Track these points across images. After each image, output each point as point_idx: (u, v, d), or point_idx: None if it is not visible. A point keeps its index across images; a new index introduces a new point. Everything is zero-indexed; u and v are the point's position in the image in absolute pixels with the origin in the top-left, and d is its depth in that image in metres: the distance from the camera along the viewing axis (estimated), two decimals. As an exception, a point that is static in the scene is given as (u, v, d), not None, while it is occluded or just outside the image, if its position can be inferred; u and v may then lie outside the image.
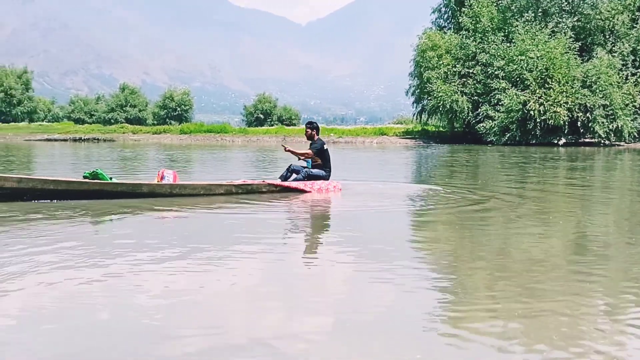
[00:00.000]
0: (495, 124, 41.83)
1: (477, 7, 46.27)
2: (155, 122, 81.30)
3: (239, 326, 3.39)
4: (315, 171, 10.20)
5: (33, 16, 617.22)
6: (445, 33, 50.50)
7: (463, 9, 47.67)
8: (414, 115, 55.53)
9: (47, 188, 8.10)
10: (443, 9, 53.69)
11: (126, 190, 8.62)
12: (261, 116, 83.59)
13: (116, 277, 4.27)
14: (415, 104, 52.97)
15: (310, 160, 10.45)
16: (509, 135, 41.14)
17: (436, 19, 54.40)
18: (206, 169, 17.99)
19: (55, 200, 8.10)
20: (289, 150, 10.44)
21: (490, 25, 46.21)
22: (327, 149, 10.47)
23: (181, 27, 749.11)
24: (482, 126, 42.82)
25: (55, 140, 54.28)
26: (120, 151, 30.34)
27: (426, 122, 54.23)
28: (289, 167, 10.33)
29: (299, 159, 10.54)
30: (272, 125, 75.75)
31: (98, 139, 55.52)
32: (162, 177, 9.13)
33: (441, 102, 45.36)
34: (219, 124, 73.40)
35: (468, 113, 45.25)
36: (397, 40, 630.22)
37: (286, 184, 9.87)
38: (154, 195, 8.70)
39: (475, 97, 45.33)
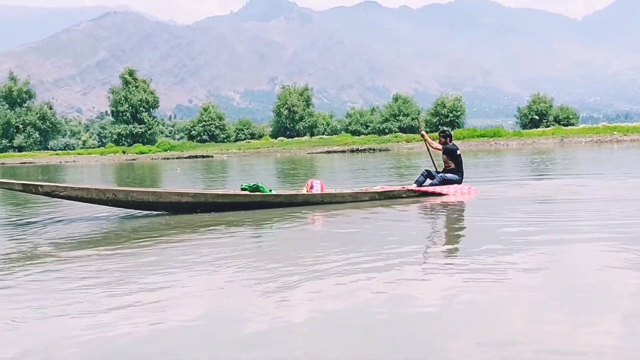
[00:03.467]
0: None
1: None
2: (427, 129, 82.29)
3: (522, 335, 3.16)
4: (449, 176, 10.69)
5: (312, 36, 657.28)
6: None
7: None
8: None
9: (217, 201, 8.80)
10: None
11: (284, 200, 9.24)
12: (536, 117, 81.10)
13: (376, 279, 4.23)
14: None
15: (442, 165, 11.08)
16: None
17: None
18: (478, 173, 17.52)
19: (211, 212, 8.70)
20: (422, 133, 11.47)
21: None
22: (460, 154, 10.91)
23: (451, 33, 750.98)
24: None
25: (335, 152, 57.09)
26: (396, 160, 30.96)
27: None
28: (424, 172, 10.78)
29: (428, 146, 11.37)
30: (549, 126, 73.21)
31: (374, 149, 57.44)
32: (312, 187, 9.75)
33: None
34: (491, 128, 72.24)
35: None
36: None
37: (424, 188, 10.35)
38: (307, 204, 9.26)
39: None
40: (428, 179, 10.69)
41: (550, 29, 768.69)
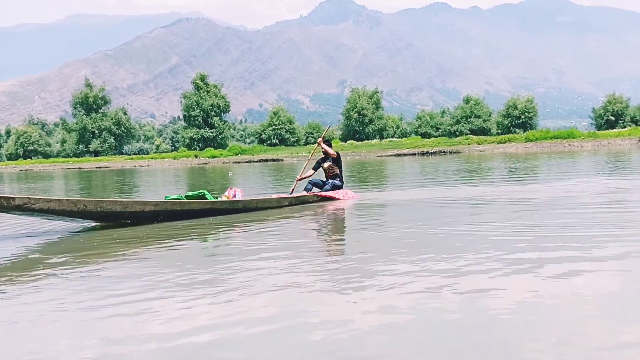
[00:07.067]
0: None
1: None
2: (499, 131, 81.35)
3: (597, 343, 3.01)
4: (337, 182, 12.11)
5: (381, 39, 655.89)
6: None
7: None
8: None
9: (175, 209, 8.99)
10: None
11: (228, 207, 9.73)
12: (612, 118, 79.25)
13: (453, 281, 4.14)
14: None
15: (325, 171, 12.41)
16: None
17: None
18: (550, 175, 17.03)
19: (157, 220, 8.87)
20: (320, 140, 12.51)
21: None
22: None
23: (523, 33, 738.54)
24: None
25: (404, 155, 56.80)
26: (464, 162, 30.55)
27: None
28: (310, 181, 12.18)
29: (323, 150, 12.45)
30: (625, 127, 71.24)
31: (444, 152, 56.97)
32: (234, 195, 10.29)
33: None
34: (565, 129, 70.66)
35: None
36: None
37: (324, 193, 11.63)
38: (247, 210, 9.86)
39: None
40: (314, 187, 12.06)
41: (625, 27, 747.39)
